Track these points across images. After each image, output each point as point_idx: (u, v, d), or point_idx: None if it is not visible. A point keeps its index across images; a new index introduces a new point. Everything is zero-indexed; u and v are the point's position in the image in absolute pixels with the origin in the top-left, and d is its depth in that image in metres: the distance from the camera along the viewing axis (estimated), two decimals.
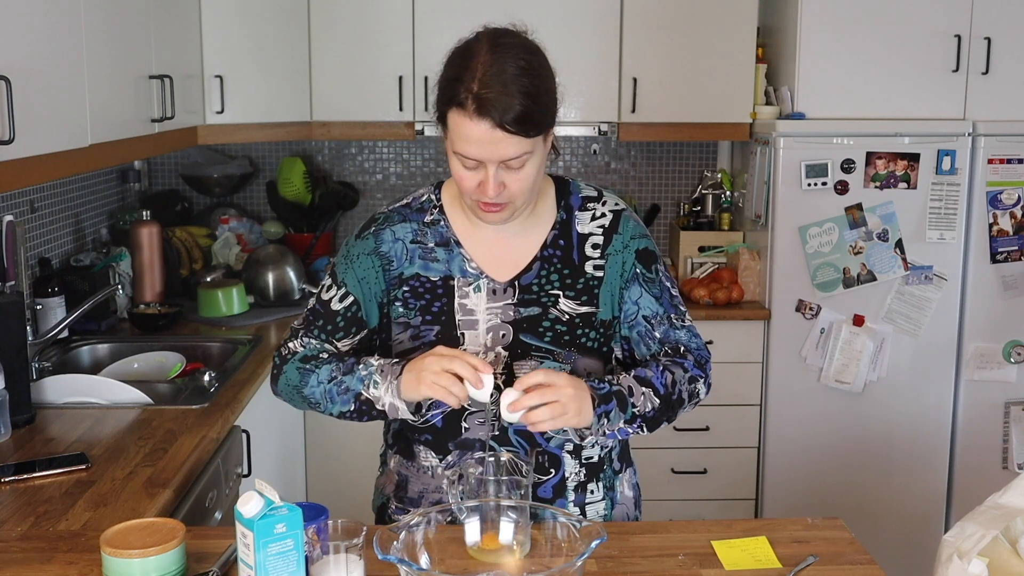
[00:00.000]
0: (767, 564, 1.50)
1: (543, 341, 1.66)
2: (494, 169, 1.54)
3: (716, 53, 3.66)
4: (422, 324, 1.66)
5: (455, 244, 1.69)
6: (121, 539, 1.39)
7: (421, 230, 1.70)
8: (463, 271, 1.68)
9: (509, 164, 1.54)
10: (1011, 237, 3.49)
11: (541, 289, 1.68)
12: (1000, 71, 3.51)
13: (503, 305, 1.67)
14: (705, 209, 3.97)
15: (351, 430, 3.43)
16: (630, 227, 1.73)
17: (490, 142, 1.51)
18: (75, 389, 2.41)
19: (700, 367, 1.73)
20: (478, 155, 1.53)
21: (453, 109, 1.53)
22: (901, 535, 3.55)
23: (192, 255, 3.67)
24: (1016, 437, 3.58)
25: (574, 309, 1.68)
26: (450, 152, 1.58)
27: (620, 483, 1.79)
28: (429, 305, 1.67)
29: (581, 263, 1.70)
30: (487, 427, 1.63)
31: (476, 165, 1.55)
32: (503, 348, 1.65)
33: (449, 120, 1.55)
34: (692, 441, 3.60)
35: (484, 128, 1.50)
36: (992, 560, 1.32)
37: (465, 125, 1.51)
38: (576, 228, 1.71)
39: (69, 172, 2.33)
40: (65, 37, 2.23)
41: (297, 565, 1.34)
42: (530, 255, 1.69)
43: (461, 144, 1.53)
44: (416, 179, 4.11)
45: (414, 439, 1.71)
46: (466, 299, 1.67)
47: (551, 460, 1.68)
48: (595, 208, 1.73)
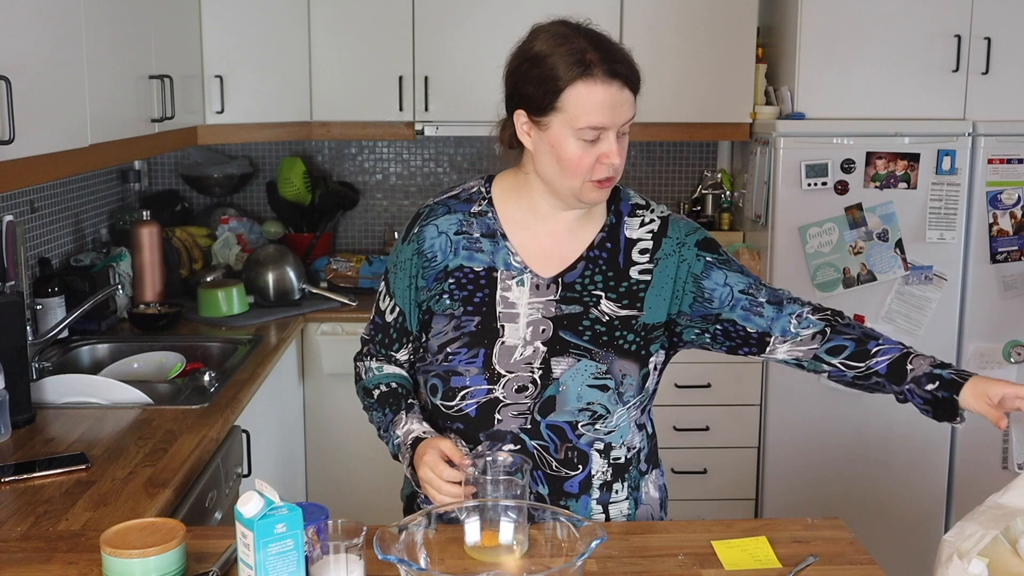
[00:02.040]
0: (767, 564, 1.50)
1: (582, 339, 1.67)
2: (614, 135, 1.60)
3: (716, 53, 3.66)
4: (463, 315, 1.68)
5: (501, 237, 1.71)
6: (121, 539, 1.39)
7: (467, 220, 1.72)
8: (507, 264, 1.69)
9: (622, 130, 1.61)
10: (1011, 237, 3.49)
11: (584, 288, 1.69)
12: (1000, 71, 3.51)
13: (545, 301, 1.68)
14: (705, 209, 3.97)
15: (351, 430, 3.44)
16: (681, 227, 1.76)
17: (619, 104, 1.58)
18: (75, 389, 2.41)
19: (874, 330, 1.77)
20: (607, 120, 1.58)
21: (576, 84, 1.57)
22: (901, 535, 3.55)
23: (192, 255, 3.67)
24: (1016, 437, 3.56)
25: (615, 311, 1.69)
26: (562, 139, 1.60)
27: (645, 484, 1.80)
28: (471, 296, 1.69)
29: (626, 267, 1.72)
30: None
31: (596, 138, 1.59)
32: (542, 343, 1.66)
33: (568, 99, 1.58)
34: (692, 441, 3.60)
35: (614, 90, 1.57)
36: (992, 560, 1.32)
37: (596, 92, 1.57)
38: (624, 233, 1.74)
39: (69, 172, 2.34)
40: (65, 37, 2.23)
41: (297, 565, 1.34)
42: (576, 254, 1.71)
43: (588, 116, 1.57)
44: (416, 179, 4.11)
45: (445, 427, 1.72)
46: (508, 292, 1.68)
47: (580, 456, 1.68)
48: (644, 215, 1.77)
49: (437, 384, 1.72)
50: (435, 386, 1.72)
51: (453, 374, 1.69)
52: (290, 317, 3.31)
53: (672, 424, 3.50)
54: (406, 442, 1.65)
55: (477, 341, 1.67)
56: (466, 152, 4.10)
